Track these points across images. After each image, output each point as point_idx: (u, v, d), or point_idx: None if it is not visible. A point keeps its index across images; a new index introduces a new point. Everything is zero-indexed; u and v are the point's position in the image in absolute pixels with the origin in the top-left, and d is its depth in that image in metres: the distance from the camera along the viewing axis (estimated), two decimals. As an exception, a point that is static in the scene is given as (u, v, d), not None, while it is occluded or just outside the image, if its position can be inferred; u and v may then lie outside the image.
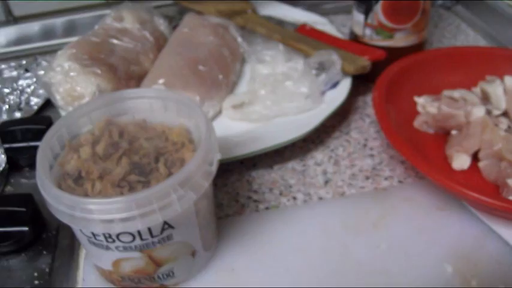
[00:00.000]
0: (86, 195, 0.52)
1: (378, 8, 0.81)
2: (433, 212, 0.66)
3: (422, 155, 0.69)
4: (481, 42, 1.04)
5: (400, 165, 0.72)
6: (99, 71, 0.76)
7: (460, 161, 0.70)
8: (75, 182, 0.53)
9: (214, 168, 0.53)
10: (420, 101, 0.77)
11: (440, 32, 1.07)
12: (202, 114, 0.55)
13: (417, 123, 0.76)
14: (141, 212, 0.47)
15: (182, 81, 0.76)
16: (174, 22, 0.96)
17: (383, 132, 0.68)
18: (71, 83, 0.76)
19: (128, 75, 0.80)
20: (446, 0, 1.18)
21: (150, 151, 0.55)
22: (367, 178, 0.71)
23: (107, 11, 0.95)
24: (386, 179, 0.71)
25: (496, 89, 0.75)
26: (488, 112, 0.74)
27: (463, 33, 1.07)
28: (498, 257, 0.60)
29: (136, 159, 0.55)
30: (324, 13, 1.09)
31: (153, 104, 0.60)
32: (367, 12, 0.83)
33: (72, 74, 0.76)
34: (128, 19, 0.89)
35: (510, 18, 1.01)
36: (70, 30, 1.04)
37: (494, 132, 0.70)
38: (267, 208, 0.67)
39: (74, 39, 0.87)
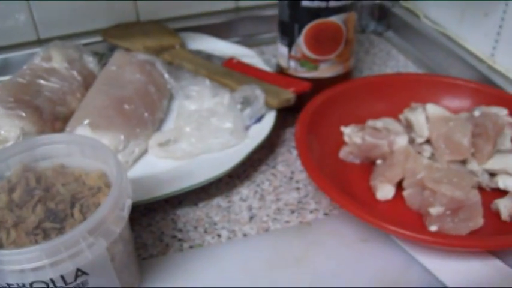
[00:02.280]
0: (1, 244, 0.51)
1: (301, 41, 0.82)
2: (357, 244, 0.66)
3: (344, 187, 0.69)
4: (411, 67, 1.06)
5: (326, 198, 0.72)
6: (23, 114, 0.75)
7: (384, 191, 0.70)
8: (-10, 231, 0.52)
9: (125, 213, 0.52)
10: (347, 131, 0.78)
11: (371, 58, 1.09)
12: (114, 158, 0.55)
13: (342, 154, 0.77)
14: (51, 261, 0.47)
15: (107, 121, 0.76)
16: (104, 59, 0.96)
17: (303, 166, 0.68)
18: (-6, 126, 0.75)
19: (54, 116, 0.79)
20: (377, 26, 1.19)
21: (66, 197, 0.55)
22: (293, 212, 0.71)
23: (39, 49, 0.94)
24: (311, 212, 0.71)
25: (418, 116, 0.76)
26: (412, 140, 0.75)
27: (393, 59, 1.08)
28: (422, 286, 0.61)
29: (52, 205, 0.54)
30: (256, 44, 1.10)
31: (70, 149, 0.60)
32: (290, 44, 0.84)
33: (-5, 117, 0.75)
34: (56, 58, 0.88)
35: (438, 44, 1.02)
36: (2, 68, 1.02)
37: (417, 161, 0.71)
38: (191, 247, 0.67)
39: (6, 78, 0.88)
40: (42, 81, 0.83)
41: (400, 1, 1.17)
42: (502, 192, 0.71)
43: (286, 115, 0.85)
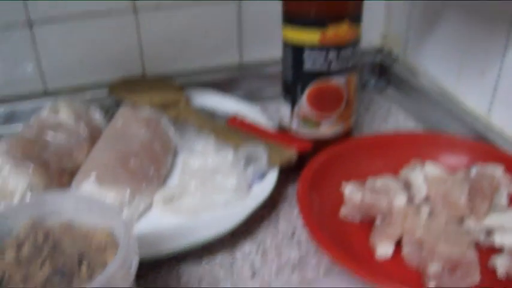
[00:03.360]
0: (10, 300, 0.52)
1: (303, 101, 0.84)
2: (357, 301, 0.67)
3: (345, 245, 0.70)
4: (411, 124, 1.08)
5: (327, 256, 0.74)
6: (30, 168, 0.77)
7: (383, 250, 0.72)
8: (-1, 287, 0.54)
9: (133, 270, 0.54)
10: (347, 189, 0.79)
11: (371, 115, 1.11)
12: (120, 218, 0.57)
13: (343, 211, 0.78)
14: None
15: (113, 176, 0.78)
16: (110, 113, 0.98)
17: (304, 225, 0.70)
18: (2, 180, 0.76)
19: (61, 170, 0.81)
20: (378, 83, 1.22)
21: (74, 254, 0.56)
22: (294, 270, 0.72)
23: (46, 100, 0.96)
24: (312, 269, 0.72)
25: (417, 176, 0.78)
26: (411, 198, 0.76)
27: (393, 116, 1.10)
28: None
29: (59, 262, 0.55)
30: (259, 100, 1.12)
31: (78, 207, 0.61)
32: (293, 104, 0.86)
33: (3, 171, 0.76)
34: (63, 112, 0.90)
35: (437, 100, 1.04)
36: (10, 118, 1.04)
37: (416, 220, 0.72)
38: (194, 303, 0.68)
39: (13, 127, 0.95)
40: (49, 135, 0.85)
41: (399, 58, 1.19)
42: (498, 249, 0.72)
43: (288, 172, 0.86)
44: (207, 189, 0.78)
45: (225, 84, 1.13)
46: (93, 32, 1.04)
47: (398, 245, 0.72)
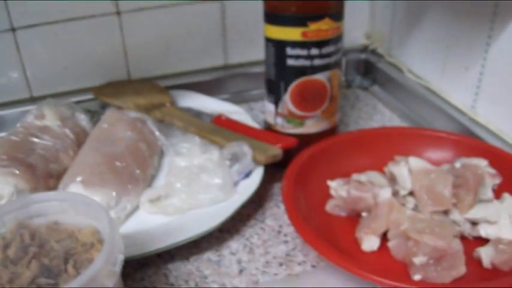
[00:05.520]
0: (-4, 300, 0.53)
1: (287, 98, 0.85)
2: (344, 295, 0.68)
3: (331, 239, 0.71)
4: (396, 121, 1.08)
5: (313, 250, 0.74)
6: (17, 171, 0.77)
7: (369, 243, 0.72)
8: (-14, 288, 0.54)
9: (118, 267, 0.54)
10: (333, 184, 0.80)
11: (357, 112, 1.11)
12: (106, 216, 0.57)
13: (329, 207, 0.79)
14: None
15: (99, 178, 0.78)
16: (96, 117, 0.98)
17: (290, 221, 0.70)
18: (-12, 184, 0.76)
19: (47, 173, 0.81)
20: (363, 81, 1.22)
21: (60, 253, 0.56)
22: (281, 265, 0.72)
23: (32, 107, 0.96)
24: (299, 264, 0.73)
25: (401, 170, 0.78)
26: (396, 192, 0.77)
27: (379, 113, 1.11)
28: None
29: (46, 261, 0.55)
30: (245, 100, 1.13)
31: (64, 206, 0.61)
32: (276, 102, 0.86)
33: (-11, 175, 0.76)
34: (48, 116, 0.90)
35: (422, 97, 1.05)
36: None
37: (401, 212, 0.73)
38: (182, 301, 0.68)
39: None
40: (35, 139, 0.85)
41: (384, 56, 1.20)
42: (483, 241, 0.72)
43: (274, 170, 0.86)
44: (193, 188, 0.79)
45: (210, 85, 1.13)
46: (77, 37, 1.04)
47: (384, 238, 0.73)
